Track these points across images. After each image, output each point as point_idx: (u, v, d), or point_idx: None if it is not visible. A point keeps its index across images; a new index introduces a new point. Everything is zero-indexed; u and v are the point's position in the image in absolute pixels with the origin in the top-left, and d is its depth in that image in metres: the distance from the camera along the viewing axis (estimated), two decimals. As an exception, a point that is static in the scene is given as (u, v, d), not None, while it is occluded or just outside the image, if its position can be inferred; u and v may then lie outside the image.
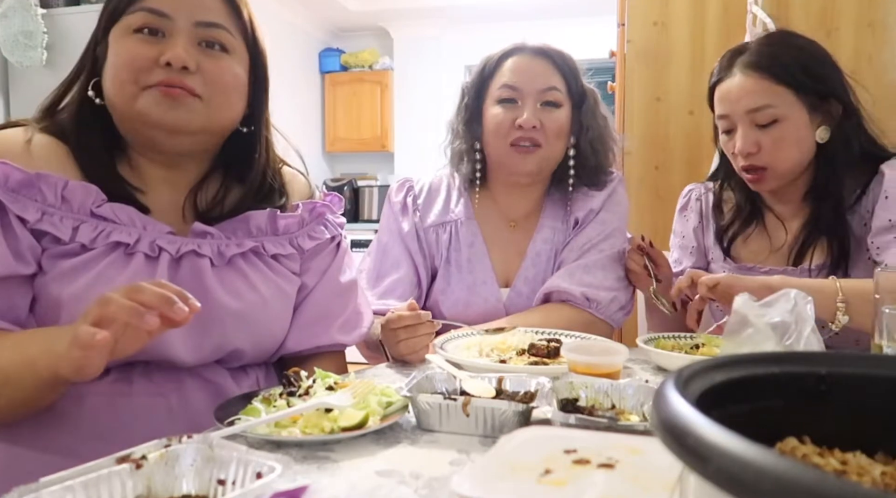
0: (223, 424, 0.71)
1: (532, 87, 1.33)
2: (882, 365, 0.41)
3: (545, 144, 1.34)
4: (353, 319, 1.08)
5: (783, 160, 1.25)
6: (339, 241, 1.11)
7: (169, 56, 0.86)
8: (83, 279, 0.83)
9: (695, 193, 1.51)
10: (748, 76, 1.24)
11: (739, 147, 1.26)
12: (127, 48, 0.87)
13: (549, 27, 5.09)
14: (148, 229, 0.89)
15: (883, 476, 0.36)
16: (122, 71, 0.87)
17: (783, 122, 1.22)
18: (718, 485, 0.25)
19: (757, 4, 1.90)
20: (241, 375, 0.96)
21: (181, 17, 0.88)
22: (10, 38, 3.04)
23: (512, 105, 1.34)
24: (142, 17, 0.87)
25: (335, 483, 0.61)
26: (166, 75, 0.86)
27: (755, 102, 1.23)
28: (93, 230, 0.85)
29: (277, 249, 0.99)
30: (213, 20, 0.90)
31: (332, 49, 5.66)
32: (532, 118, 1.31)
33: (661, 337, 1.19)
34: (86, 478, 0.51)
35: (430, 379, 0.84)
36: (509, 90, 1.34)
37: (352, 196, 5.38)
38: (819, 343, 0.81)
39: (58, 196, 0.84)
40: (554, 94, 1.34)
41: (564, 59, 1.38)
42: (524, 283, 1.38)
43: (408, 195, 1.47)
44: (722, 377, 0.37)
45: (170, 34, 0.88)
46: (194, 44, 0.89)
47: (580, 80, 1.39)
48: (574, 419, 0.71)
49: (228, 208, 0.97)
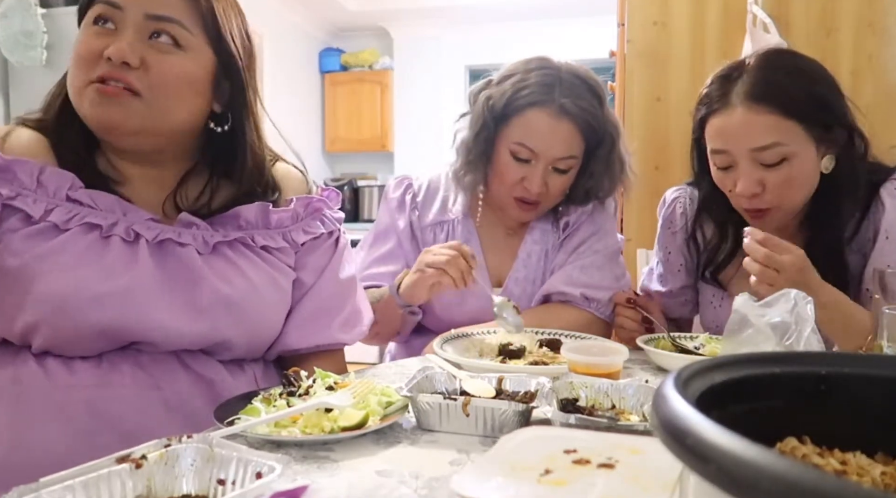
0: (223, 424, 0.71)
1: (549, 154, 1.27)
2: (882, 365, 0.41)
3: (546, 202, 1.35)
4: (353, 318, 1.07)
5: (790, 200, 1.14)
6: (338, 237, 1.09)
7: (110, 51, 0.83)
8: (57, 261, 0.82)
9: (679, 206, 1.37)
10: (751, 110, 1.09)
11: (742, 188, 1.13)
12: (81, 40, 0.86)
13: (548, 27, 5.09)
14: (128, 215, 0.88)
15: (883, 476, 0.36)
16: (73, 65, 0.86)
17: (792, 160, 1.10)
18: (718, 485, 0.25)
19: (757, 4, 1.90)
20: (236, 370, 0.95)
21: (132, 9, 0.86)
22: (10, 38, 3.03)
23: (524, 164, 1.29)
24: (99, 8, 0.86)
25: (335, 483, 0.61)
26: (107, 70, 0.84)
27: (762, 140, 1.09)
28: (67, 213, 0.85)
29: (268, 242, 0.98)
30: (165, 13, 0.86)
31: (332, 49, 5.66)
32: (539, 185, 1.29)
33: (661, 337, 1.19)
34: (86, 478, 0.51)
35: (430, 379, 0.84)
36: (525, 150, 1.28)
37: (352, 196, 5.38)
38: (819, 343, 0.81)
39: (34, 179, 0.84)
40: (568, 162, 1.30)
41: (589, 121, 1.28)
42: (515, 283, 1.39)
43: (406, 192, 1.46)
44: (722, 377, 0.37)
45: (120, 26, 0.86)
46: (143, 38, 0.86)
47: (603, 126, 1.31)
48: (574, 419, 0.71)
49: (217, 206, 0.96)
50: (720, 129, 1.14)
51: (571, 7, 4.91)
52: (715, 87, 1.16)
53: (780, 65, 1.13)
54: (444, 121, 5.46)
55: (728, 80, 1.14)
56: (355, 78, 5.63)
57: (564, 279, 1.33)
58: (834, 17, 1.96)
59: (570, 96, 1.26)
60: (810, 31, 1.96)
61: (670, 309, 1.39)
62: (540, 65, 1.29)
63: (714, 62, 1.32)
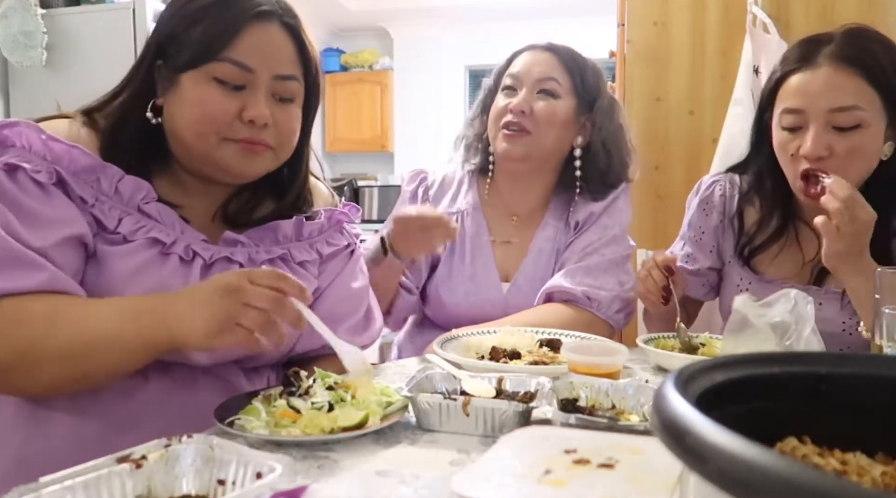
0: (223, 424, 0.71)
1: (530, 76, 1.35)
2: (882, 365, 0.41)
3: (534, 131, 1.34)
4: (362, 323, 1.10)
5: (851, 172, 1.10)
6: (353, 249, 1.13)
7: (253, 114, 0.88)
8: (116, 269, 0.84)
9: (718, 189, 1.36)
10: (838, 69, 1.09)
11: (809, 149, 1.10)
12: (208, 98, 0.87)
13: (549, 27, 5.08)
14: (185, 234, 0.91)
15: (883, 476, 0.36)
16: (203, 123, 0.88)
17: (865, 129, 1.08)
18: (718, 485, 0.25)
19: (757, 4, 1.90)
20: (253, 374, 0.98)
21: (263, 72, 0.89)
22: (10, 38, 3.03)
23: (511, 92, 1.37)
24: (227, 69, 0.87)
25: (335, 483, 0.61)
26: (249, 133, 0.89)
27: (842, 101, 1.08)
28: (135, 223, 0.87)
29: (303, 256, 1.02)
30: (289, 73, 0.92)
31: (332, 49, 5.66)
32: (522, 103, 1.34)
33: (661, 337, 1.19)
34: (86, 478, 0.51)
35: (430, 379, 0.84)
36: (511, 79, 1.38)
37: (352, 196, 5.39)
38: (819, 343, 0.81)
39: (112, 186, 0.87)
40: (551, 83, 1.35)
41: (573, 56, 1.39)
42: (524, 279, 1.39)
43: (420, 185, 1.49)
44: (722, 377, 0.37)
45: (250, 87, 0.89)
46: (270, 96, 0.91)
47: (594, 81, 1.38)
48: (574, 419, 0.71)
49: (257, 217, 1.00)
50: (800, 87, 1.13)
51: (571, 7, 4.91)
52: (799, 49, 1.16)
53: (873, 37, 1.14)
54: (444, 121, 5.46)
55: (816, 43, 1.14)
56: (355, 78, 5.63)
57: (568, 277, 1.33)
58: (834, 17, 1.95)
59: (554, 42, 1.39)
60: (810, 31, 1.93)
61: (690, 288, 1.37)
62: None
63: (714, 62, 1.33)
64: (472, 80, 5.70)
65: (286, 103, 0.93)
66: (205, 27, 0.87)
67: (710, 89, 2.06)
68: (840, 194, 1.02)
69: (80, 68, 2.95)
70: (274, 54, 0.90)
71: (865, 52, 1.09)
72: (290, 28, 0.93)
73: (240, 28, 0.87)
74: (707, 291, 1.41)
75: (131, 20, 2.95)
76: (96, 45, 2.97)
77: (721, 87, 2.00)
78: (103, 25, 2.99)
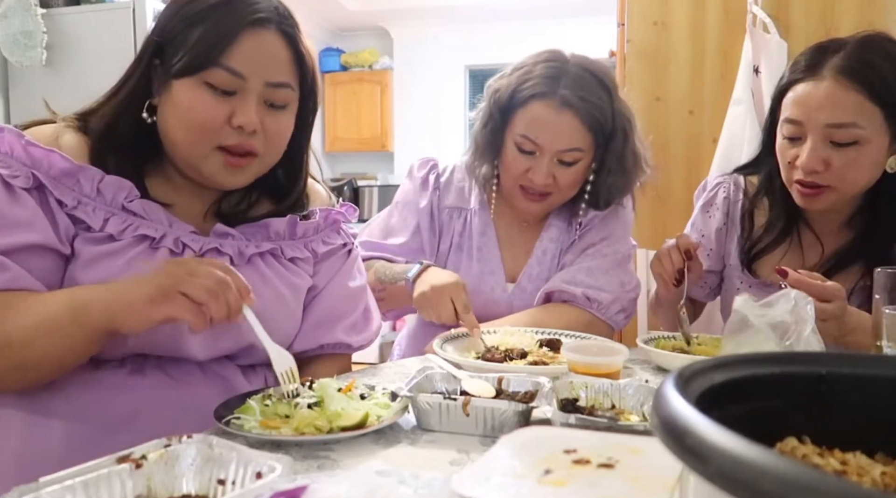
0: (221, 423, 0.71)
1: (552, 146, 1.25)
2: (882, 365, 0.41)
3: (556, 194, 1.32)
4: (360, 323, 1.10)
5: (848, 184, 1.12)
6: (351, 249, 1.13)
7: (241, 121, 0.88)
8: (107, 268, 0.85)
9: (723, 190, 1.36)
10: (839, 85, 1.08)
11: (804, 162, 1.11)
12: (198, 103, 0.87)
13: (549, 27, 5.09)
14: (174, 227, 0.91)
15: (883, 476, 0.36)
16: (194, 130, 0.88)
17: (862, 146, 1.09)
18: (718, 485, 0.25)
19: (757, 4, 1.90)
20: (249, 372, 0.98)
21: (255, 78, 0.89)
22: (10, 38, 3.03)
23: (529, 156, 1.28)
24: (220, 75, 0.87)
25: (335, 483, 0.61)
26: (238, 139, 0.89)
27: (840, 117, 1.08)
28: (122, 222, 0.88)
29: (295, 253, 1.02)
30: (283, 80, 0.92)
31: (332, 49, 5.66)
32: (545, 177, 1.27)
33: (661, 337, 1.19)
34: (85, 477, 0.51)
35: (430, 379, 0.84)
36: (528, 142, 1.26)
37: (352, 196, 5.38)
38: (819, 343, 0.81)
39: (94, 188, 0.87)
40: (573, 155, 1.27)
41: (594, 108, 1.25)
42: (528, 280, 1.39)
43: (431, 172, 1.47)
44: (722, 377, 0.37)
45: (241, 93, 0.89)
46: (261, 103, 0.91)
47: (612, 120, 1.28)
48: (574, 419, 0.71)
49: (251, 217, 1.00)
50: (801, 99, 1.12)
51: (571, 7, 4.91)
52: (808, 56, 1.14)
53: (882, 49, 1.11)
54: (444, 121, 5.45)
55: (825, 51, 1.12)
56: (355, 78, 5.63)
57: (568, 278, 1.33)
58: (834, 17, 1.95)
59: (573, 88, 1.24)
60: (810, 32, 1.96)
61: (690, 288, 1.35)
62: (548, 57, 1.29)
63: (714, 62, 1.33)
64: (472, 80, 5.69)
65: (278, 110, 0.93)
66: (202, 31, 0.87)
67: (710, 89, 2.06)
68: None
69: (80, 68, 2.95)
70: (268, 61, 0.90)
71: (870, 66, 1.08)
72: (287, 35, 0.92)
73: (236, 35, 0.87)
74: (707, 292, 1.41)
75: (131, 20, 2.94)
76: (96, 44, 2.97)
77: (721, 86, 2.00)
78: (103, 25, 2.99)
